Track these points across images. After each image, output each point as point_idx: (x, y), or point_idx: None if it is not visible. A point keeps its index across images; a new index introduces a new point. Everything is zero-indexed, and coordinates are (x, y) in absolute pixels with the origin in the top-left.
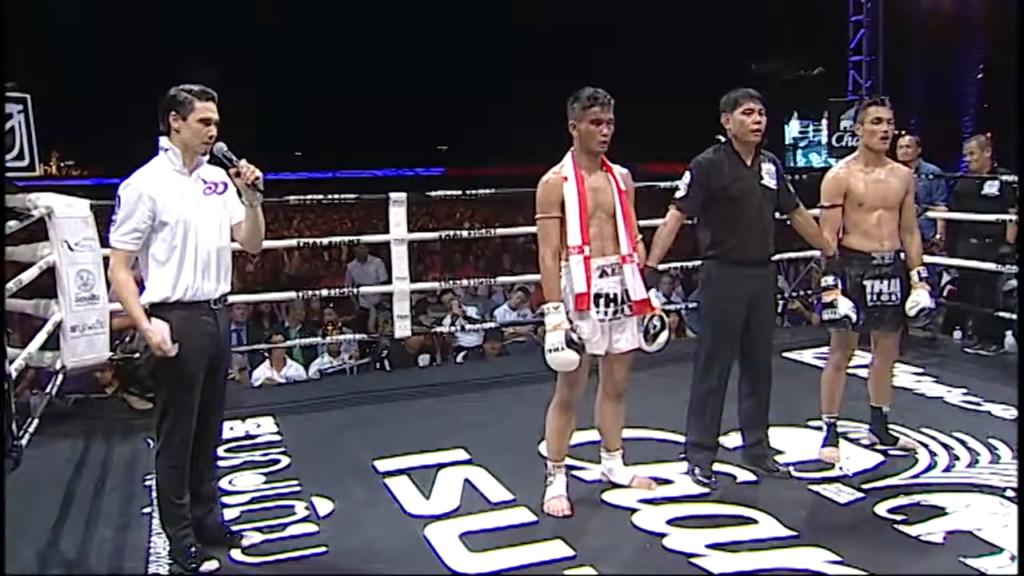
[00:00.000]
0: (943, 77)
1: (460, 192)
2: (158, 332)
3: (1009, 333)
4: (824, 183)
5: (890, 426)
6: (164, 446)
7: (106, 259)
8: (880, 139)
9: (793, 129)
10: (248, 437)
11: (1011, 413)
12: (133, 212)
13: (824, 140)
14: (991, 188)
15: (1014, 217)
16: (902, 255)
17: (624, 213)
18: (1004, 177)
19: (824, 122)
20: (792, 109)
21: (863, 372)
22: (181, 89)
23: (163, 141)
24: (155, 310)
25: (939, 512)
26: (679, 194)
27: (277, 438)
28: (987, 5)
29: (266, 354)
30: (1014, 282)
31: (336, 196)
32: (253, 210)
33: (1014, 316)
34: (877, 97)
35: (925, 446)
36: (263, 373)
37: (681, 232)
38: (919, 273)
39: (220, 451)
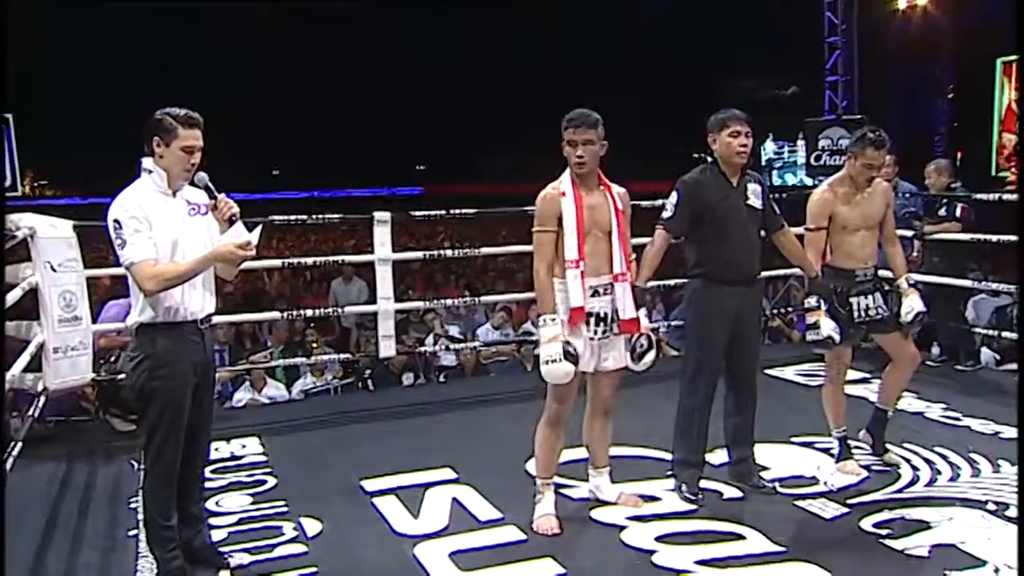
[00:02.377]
0: (915, 98)
1: (444, 211)
2: (230, 241)
3: (986, 348)
4: (810, 205)
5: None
6: (152, 467)
7: (90, 279)
8: (866, 180)
9: (768, 150)
10: (234, 458)
11: (990, 428)
12: (140, 226)
13: (800, 160)
14: (943, 210)
15: (953, 236)
16: (879, 271)
17: (620, 232)
18: (958, 202)
19: (800, 142)
20: (767, 130)
21: (851, 389)
22: (167, 114)
23: (146, 162)
24: (143, 331)
25: (923, 526)
26: (666, 214)
27: (263, 458)
28: (956, 29)
29: (246, 375)
30: (989, 298)
31: (322, 216)
32: None
33: (991, 332)
34: (878, 136)
35: (908, 461)
36: (245, 394)
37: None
38: (907, 280)
39: (208, 472)
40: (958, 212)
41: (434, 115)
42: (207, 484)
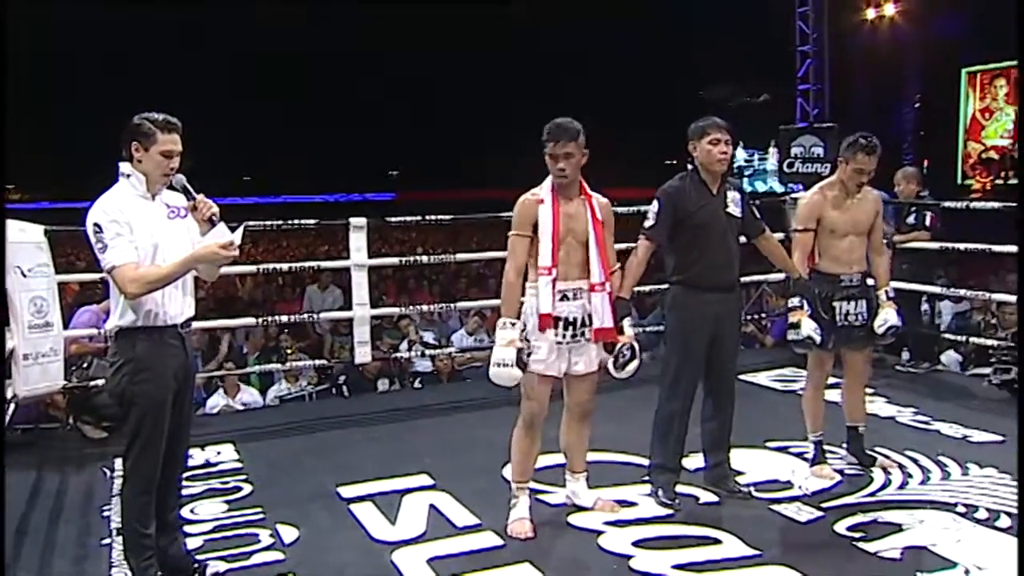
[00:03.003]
0: (882, 107)
1: (420, 217)
2: (213, 242)
3: (951, 352)
4: (799, 207)
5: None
6: (132, 474)
7: (61, 285)
8: (856, 185)
9: (738, 157)
10: (209, 465)
11: (958, 431)
12: (120, 229)
13: (770, 168)
14: (912, 218)
15: (923, 245)
16: (869, 279)
17: (598, 242)
18: (927, 210)
19: (772, 150)
20: (737, 138)
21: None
22: (145, 118)
23: (124, 167)
24: (123, 335)
25: (896, 529)
26: (648, 223)
27: (238, 465)
28: (922, 40)
29: (219, 381)
30: (951, 305)
31: (297, 221)
32: None
33: (955, 337)
34: (870, 143)
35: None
36: (219, 400)
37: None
38: (887, 292)
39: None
40: (927, 221)
41: (408, 120)
42: (183, 491)
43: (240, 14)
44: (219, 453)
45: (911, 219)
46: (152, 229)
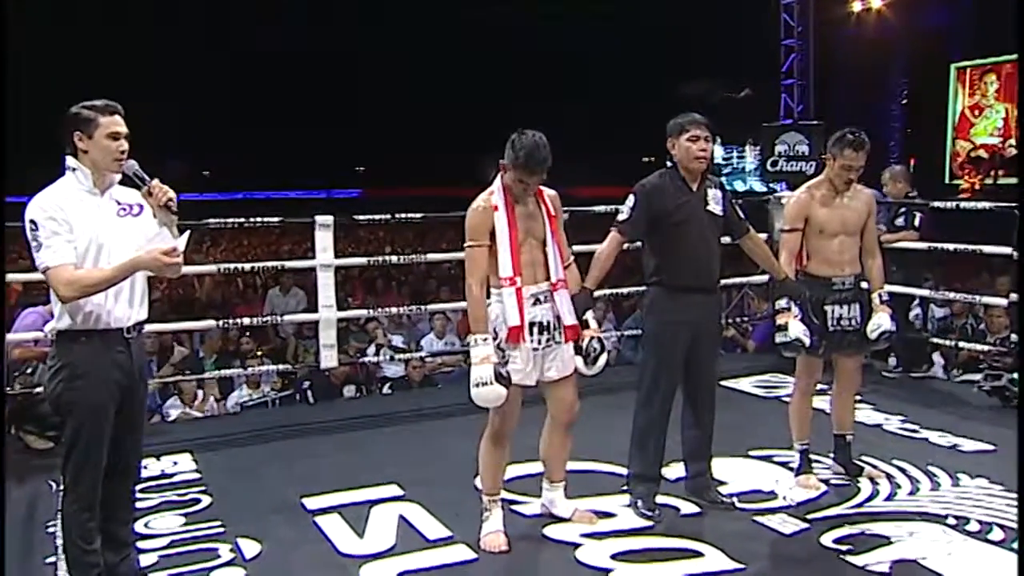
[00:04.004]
0: (869, 102)
1: (389, 216)
2: (155, 249)
3: (936, 355)
4: (786, 206)
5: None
6: (71, 487)
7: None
8: (845, 183)
9: (716, 155)
10: (165, 476)
11: (948, 440)
12: (58, 228)
13: (748, 166)
14: (900, 219)
15: (911, 245)
16: (863, 282)
17: (555, 239)
18: (916, 210)
19: (749, 147)
20: (715, 135)
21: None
22: (83, 107)
23: (70, 161)
24: (61, 339)
25: (884, 541)
26: (621, 217)
27: (196, 476)
28: (910, 33)
29: (175, 388)
30: (938, 310)
31: (260, 219)
32: (168, 232)
33: (943, 341)
34: (857, 138)
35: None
36: (176, 407)
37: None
38: (880, 296)
39: (137, 491)
40: (916, 222)
41: (375, 114)
42: (137, 504)
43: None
44: (176, 463)
45: (899, 220)
46: (97, 228)
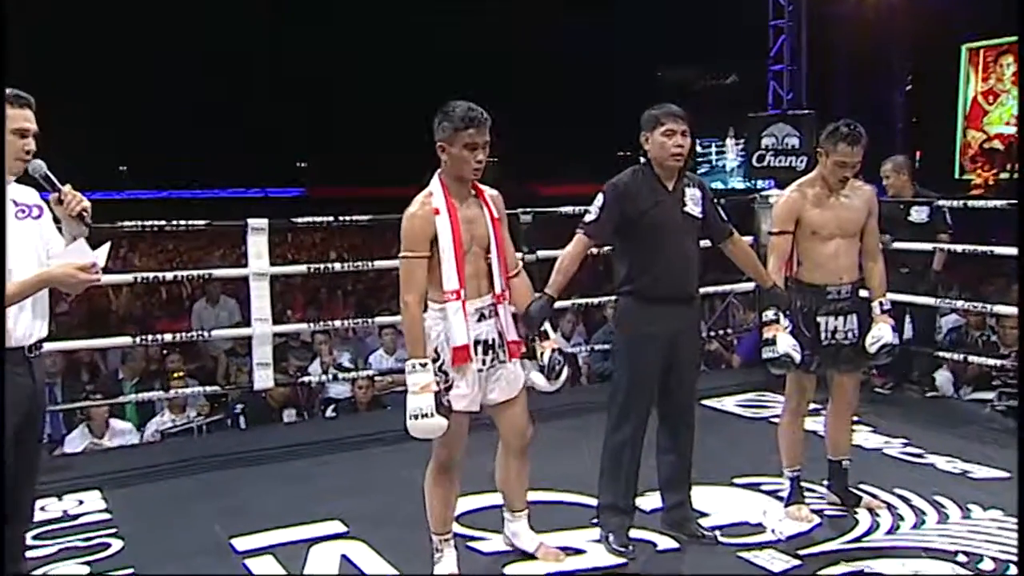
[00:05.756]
0: (869, 89)
1: (332, 218)
2: (70, 264)
3: (941, 371)
4: (774, 208)
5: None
6: None
7: None
8: (839, 181)
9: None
10: (67, 518)
11: (957, 467)
12: None
13: (729, 164)
14: (919, 214)
15: (944, 246)
16: (862, 290)
17: (499, 245)
18: (938, 202)
19: (730, 140)
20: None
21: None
22: None
23: None
24: None
25: None
26: (588, 218)
27: (105, 516)
28: (914, 11)
29: (82, 414)
30: (952, 317)
31: (183, 222)
32: (77, 244)
33: (951, 355)
34: (852, 131)
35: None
36: (83, 438)
37: (584, 262)
38: (881, 305)
39: (29, 537)
40: (947, 218)
41: (319, 105)
42: (31, 553)
43: None
44: (81, 503)
45: (918, 216)
46: None
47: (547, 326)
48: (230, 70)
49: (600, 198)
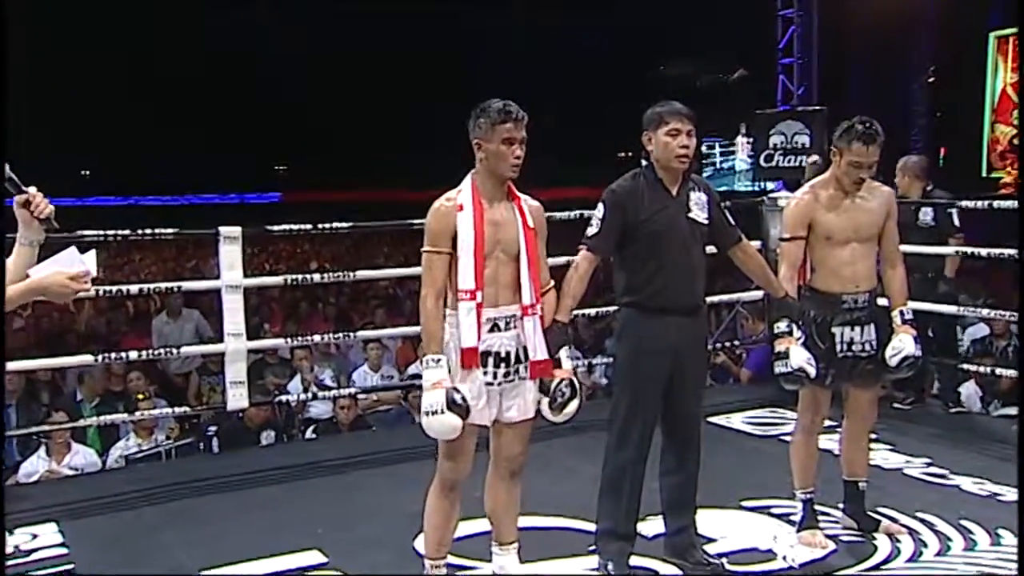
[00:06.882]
0: (887, 81)
1: (311, 225)
2: (61, 272)
3: (968, 385)
4: (785, 211)
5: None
6: None
7: None
8: (854, 182)
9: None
10: (19, 553)
11: (984, 488)
12: None
13: (739, 165)
14: (926, 216)
15: (956, 249)
16: (881, 299)
17: (530, 255)
18: (941, 202)
19: (740, 139)
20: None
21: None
22: None
23: None
24: None
25: None
26: (591, 231)
27: (62, 551)
28: None
29: (42, 438)
30: (978, 327)
31: (150, 231)
32: (32, 250)
33: (976, 368)
34: (868, 129)
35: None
36: (39, 465)
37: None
38: (902, 314)
39: None
40: (955, 220)
41: (299, 104)
42: None
43: None
44: (35, 537)
45: (924, 218)
46: None
47: (563, 354)
48: (202, 72)
49: (600, 208)
